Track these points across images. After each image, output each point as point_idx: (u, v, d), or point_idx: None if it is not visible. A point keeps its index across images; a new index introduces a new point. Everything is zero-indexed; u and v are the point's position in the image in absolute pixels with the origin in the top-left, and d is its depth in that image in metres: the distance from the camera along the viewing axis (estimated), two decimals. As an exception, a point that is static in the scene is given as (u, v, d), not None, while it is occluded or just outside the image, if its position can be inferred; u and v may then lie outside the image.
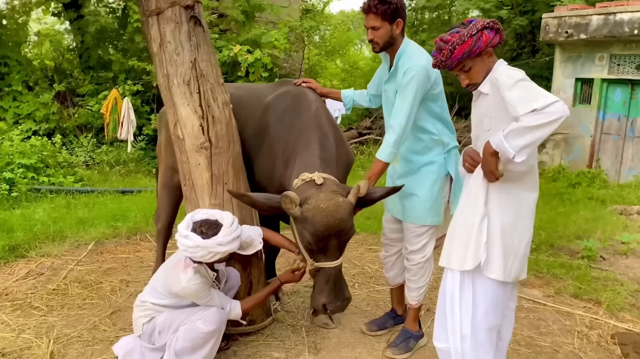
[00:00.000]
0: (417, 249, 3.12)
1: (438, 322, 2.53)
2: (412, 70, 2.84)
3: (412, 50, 2.96)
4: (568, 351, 3.37)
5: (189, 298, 2.87)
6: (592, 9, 9.32)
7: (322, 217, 2.71)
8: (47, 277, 4.51)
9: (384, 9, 2.85)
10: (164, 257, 4.25)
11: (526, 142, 2.09)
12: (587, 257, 5.02)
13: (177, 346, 2.80)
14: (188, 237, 2.68)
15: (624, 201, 7.70)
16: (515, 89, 2.15)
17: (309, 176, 2.90)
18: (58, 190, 7.13)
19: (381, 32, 2.92)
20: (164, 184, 4.10)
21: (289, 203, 2.74)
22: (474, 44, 2.29)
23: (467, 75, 2.40)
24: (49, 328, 3.60)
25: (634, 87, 9.19)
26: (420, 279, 3.18)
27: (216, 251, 2.68)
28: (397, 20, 2.91)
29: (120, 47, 10.14)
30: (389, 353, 3.22)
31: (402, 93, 2.90)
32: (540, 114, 2.03)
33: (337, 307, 2.91)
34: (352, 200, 2.80)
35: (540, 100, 2.05)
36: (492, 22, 2.32)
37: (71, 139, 9.43)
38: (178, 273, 2.79)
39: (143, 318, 2.95)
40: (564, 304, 4.03)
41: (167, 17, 3.11)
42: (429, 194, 3.04)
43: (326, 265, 2.85)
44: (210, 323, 2.80)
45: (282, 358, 3.19)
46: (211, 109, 3.18)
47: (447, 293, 2.44)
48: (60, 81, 10.14)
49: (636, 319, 3.80)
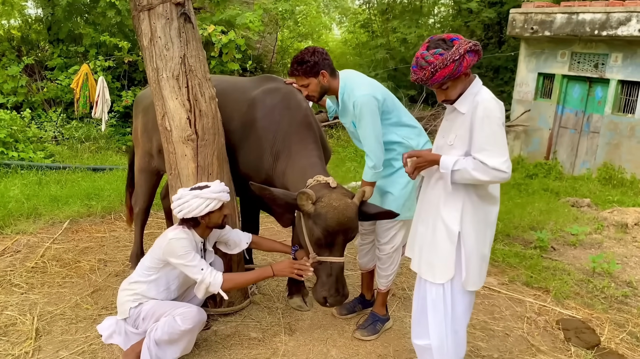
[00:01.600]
0: (387, 240, 3.41)
1: (416, 322, 2.80)
2: (359, 102, 3.10)
3: (350, 84, 3.21)
4: (518, 335, 3.72)
5: (172, 255, 2.95)
6: (557, 7, 9.67)
7: (334, 214, 2.95)
8: (24, 254, 4.60)
9: (304, 68, 3.14)
10: (142, 239, 4.41)
11: (463, 181, 2.48)
12: (539, 248, 5.42)
13: (156, 336, 2.96)
14: (182, 196, 2.96)
15: (577, 193, 8.19)
16: (485, 132, 2.39)
17: (324, 179, 3.13)
18: (28, 166, 7.10)
19: (311, 87, 3.21)
20: (142, 169, 4.23)
21: (305, 199, 2.97)
22: (455, 68, 2.38)
23: (444, 93, 2.53)
24: (31, 305, 3.73)
25: (591, 84, 9.66)
26: (389, 267, 3.48)
27: (211, 198, 2.94)
28: (321, 72, 3.17)
29: (91, 20, 9.95)
30: (358, 335, 3.51)
31: (360, 124, 3.16)
32: (486, 173, 2.37)
33: (337, 301, 3.13)
34: (357, 202, 3.06)
35: (496, 159, 2.36)
36: (474, 45, 2.40)
37: (40, 113, 9.28)
38: (166, 233, 3.04)
39: (131, 302, 3.10)
40: (516, 292, 4.40)
41: (158, 13, 3.23)
42: (402, 192, 3.31)
43: (330, 259, 3.07)
44: (188, 321, 2.94)
45: (260, 338, 3.44)
46: (198, 103, 3.33)
47: (427, 298, 2.70)
48: (27, 52, 9.93)
49: (579, 306, 4.19)
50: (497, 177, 2.38)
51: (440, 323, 2.68)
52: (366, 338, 3.50)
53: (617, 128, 9.20)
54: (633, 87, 9.02)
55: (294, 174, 3.31)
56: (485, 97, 2.45)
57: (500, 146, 2.38)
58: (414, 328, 2.84)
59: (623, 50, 8.99)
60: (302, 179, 3.22)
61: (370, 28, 15.70)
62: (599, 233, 6.11)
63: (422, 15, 14.34)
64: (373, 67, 13.96)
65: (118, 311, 3.21)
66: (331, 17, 19.25)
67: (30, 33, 10.08)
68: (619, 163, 9.11)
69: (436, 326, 2.69)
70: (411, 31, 13.23)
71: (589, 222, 6.46)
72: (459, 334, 2.72)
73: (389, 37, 14.40)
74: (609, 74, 9.21)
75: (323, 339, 3.48)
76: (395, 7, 15.09)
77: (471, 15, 13.13)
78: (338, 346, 3.41)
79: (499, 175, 2.37)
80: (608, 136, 9.33)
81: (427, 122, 11.52)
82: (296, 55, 3.18)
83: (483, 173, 2.38)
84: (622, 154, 9.12)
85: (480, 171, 2.38)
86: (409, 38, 13.35)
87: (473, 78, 2.54)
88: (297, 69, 3.15)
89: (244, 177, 3.59)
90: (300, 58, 3.14)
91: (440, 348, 2.71)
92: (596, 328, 3.84)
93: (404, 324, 3.73)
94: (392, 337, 3.57)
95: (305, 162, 3.31)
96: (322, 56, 3.15)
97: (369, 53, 14.79)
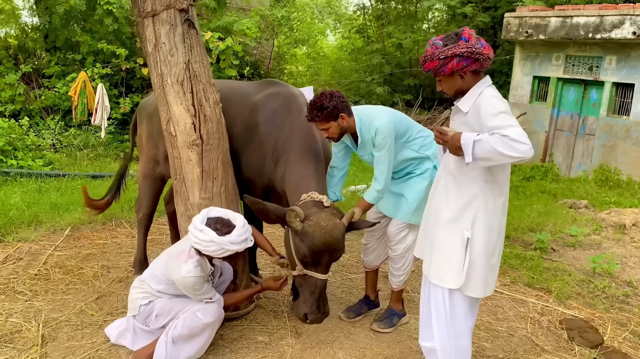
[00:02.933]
0: (400, 239, 3.49)
1: (423, 324, 2.82)
2: (381, 129, 3.19)
3: (366, 117, 3.28)
4: (522, 335, 3.75)
5: (183, 289, 3.04)
6: (551, 11, 9.77)
7: (320, 234, 2.99)
8: (27, 262, 4.59)
9: (325, 114, 3.18)
10: (145, 245, 4.42)
11: (486, 159, 2.32)
12: (540, 249, 5.46)
13: (175, 333, 2.99)
14: (203, 231, 2.88)
15: (574, 195, 8.25)
16: (496, 119, 2.33)
17: (319, 197, 3.17)
18: (28, 174, 7.09)
19: (332, 129, 3.25)
20: (146, 175, 4.24)
21: (294, 217, 3.02)
22: (439, 66, 2.46)
23: (439, 84, 2.61)
24: (36, 312, 3.72)
25: (586, 87, 9.74)
26: (402, 267, 3.56)
27: (227, 249, 2.89)
28: (340, 116, 3.21)
29: (88, 28, 9.97)
30: (375, 327, 3.64)
31: (378, 149, 3.25)
32: (511, 146, 2.22)
33: (317, 318, 3.18)
34: (345, 223, 3.11)
35: (514, 130, 2.24)
36: (468, 51, 2.40)
37: (37, 121, 9.29)
38: (180, 263, 2.98)
39: (141, 299, 3.13)
40: (519, 293, 4.43)
41: (162, 19, 3.26)
42: (416, 197, 3.39)
43: (315, 275, 3.11)
44: (209, 315, 3.01)
45: (266, 341, 3.45)
46: (203, 108, 3.35)
47: (431, 302, 2.73)
48: (24, 60, 9.94)
49: (581, 306, 4.22)
50: (519, 151, 2.22)
51: (443, 327, 2.70)
52: (383, 330, 3.63)
53: (613, 130, 9.28)
54: (627, 89, 9.11)
55: (291, 184, 3.36)
56: (486, 95, 2.46)
57: (515, 123, 2.30)
58: (421, 329, 2.86)
59: (617, 53, 9.08)
60: (297, 191, 3.27)
61: (366, 33, 15.80)
62: (598, 234, 6.16)
63: (416, 20, 14.43)
64: (369, 72, 14.05)
65: (128, 307, 3.25)
66: (326, 24, 19.35)
67: (27, 41, 10.10)
68: (615, 165, 9.18)
69: (439, 329, 2.71)
70: (406, 36, 13.32)
71: (587, 224, 6.51)
72: (462, 339, 2.72)
73: (385, 42, 14.49)
74: (603, 76, 9.30)
75: (329, 341, 3.49)
76: (390, 12, 15.20)
77: (465, 20, 13.23)
78: (345, 348, 3.43)
79: (520, 148, 2.21)
80: (603, 138, 9.40)
81: (423, 125, 11.57)
82: (314, 100, 3.21)
83: (504, 146, 2.23)
84: (617, 156, 9.20)
85: (502, 144, 2.23)
86: (404, 43, 13.44)
87: (480, 78, 2.54)
88: (317, 114, 3.18)
89: (246, 181, 3.61)
90: (320, 104, 3.17)
91: (443, 351, 2.73)
92: (599, 327, 3.87)
93: (410, 326, 3.75)
94: (398, 339, 3.59)
95: (301, 173, 3.35)
96: (340, 99, 3.22)
97: (364, 58, 14.87)
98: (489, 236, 2.57)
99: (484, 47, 2.45)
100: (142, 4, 3.27)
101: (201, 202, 3.39)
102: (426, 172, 3.40)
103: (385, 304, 3.91)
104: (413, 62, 14.38)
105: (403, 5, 14.74)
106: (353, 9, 17.57)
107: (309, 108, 3.21)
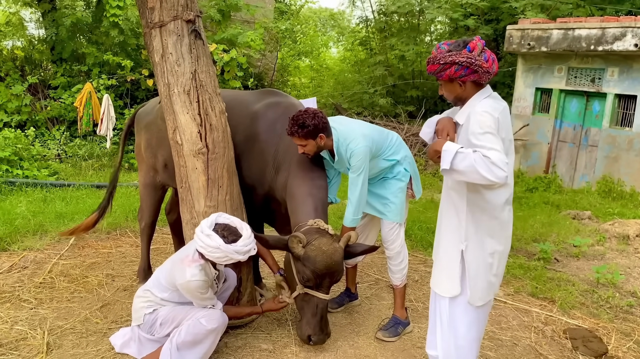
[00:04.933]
0: (394, 238, 3.67)
1: (430, 332, 2.86)
2: (356, 153, 3.34)
3: (343, 138, 3.42)
4: (526, 344, 3.75)
5: (187, 293, 3.06)
6: (553, 24, 9.84)
7: (323, 258, 3.16)
8: (32, 270, 4.62)
9: (304, 132, 3.30)
10: (148, 254, 4.44)
11: (460, 173, 2.33)
12: (543, 259, 5.46)
13: (179, 340, 3.00)
14: (210, 237, 2.91)
15: (577, 206, 8.25)
16: (482, 138, 2.35)
17: (324, 226, 3.29)
18: (33, 183, 7.15)
19: (308, 147, 3.39)
20: (146, 184, 4.28)
21: (296, 243, 3.16)
22: (438, 70, 2.51)
23: (440, 88, 2.66)
24: (41, 320, 3.74)
25: (589, 98, 9.78)
26: (401, 262, 3.72)
27: (232, 257, 2.93)
28: (319, 136, 3.34)
29: (94, 40, 10.09)
30: (380, 335, 3.67)
31: (353, 171, 3.40)
32: (489, 169, 2.22)
33: (320, 340, 3.33)
34: (343, 246, 3.28)
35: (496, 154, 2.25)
36: (468, 62, 2.43)
37: (43, 131, 9.36)
38: (184, 267, 3.01)
39: (146, 308, 3.14)
40: (522, 302, 4.43)
41: (170, 30, 3.31)
42: (400, 196, 3.63)
43: (316, 295, 3.25)
44: (213, 321, 3.03)
45: (270, 349, 3.45)
46: (209, 117, 3.40)
47: (436, 311, 2.77)
48: (31, 71, 10.04)
49: (585, 316, 4.22)
50: (495, 175, 2.23)
51: (445, 336, 2.72)
52: (387, 339, 3.67)
53: (615, 141, 9.30)
54: (630, 100, 9.15)
55: (293, 200, 3.45)
56: (478, 110, 2.44)
57: (498, 148, 2.30)
58: (428, 337, 2.89)
59: (619, 65, 9.13)
60: (302, 213, 3.37)
61: (369, 46, 15.90)
62: (601, 245, 6.16)
63: (419, 32, 14.54)
64: (372, 84, 14.12)
65: (133, 317, 3.26)
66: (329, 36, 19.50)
67: (34, 53, 10.22)
68: (618, 176, 9.19)
69: (442, 339, 2.74)
70: (409, 48, 13.41)
71: (591, 234, 6.50)
72: (464, 351, 2.70)
73: (387, 54, 14.58)
74: (605, 88, 9.34)
75: (333, 350, 3.49)
76: (393, 25, 15.32)
77: (468, 32, 13.32)
78: (348, 356, 3.43)
79: (498, 173, 2.22)
80: (606, 149, 9.42)
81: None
82: (297, 116, 3.31)
83: (484, 167, 2.23)
84: (620, 167, 9.21)
85: (482, 164, 2.23)
86: (406, 55, 13.53)
87: (480, 89, 2.55)
88: (297, 131, 3.30)
89: (247, 189, 3.69)
90: (302, 122, 3.28)
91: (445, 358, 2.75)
92: (603, 337, 3.87)
93: (414, 335, 3.76)
94: (402, 347, 3.59)
95: (304, 190, 3.44)
96: (322, 120, 3.34)
97: (367, 70, 14.97)
98: (482, 252, 2.58)
99: (487, 61, 2.46)
100: (150, 15, 3.33)
101: (206, 211, 3.42)
102: (399, 175, 3.61)
103: (390, 313, 3.92)
104: (416, 74, 14.47)
105: (406, 17, 14.86)
106: (356, 21, 17.73)
107: (291, 122, 3.32)
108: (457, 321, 2.68)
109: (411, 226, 6.24)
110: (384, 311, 4.10)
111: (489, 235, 2.58)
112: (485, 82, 2.54)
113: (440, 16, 13.23)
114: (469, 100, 2.56)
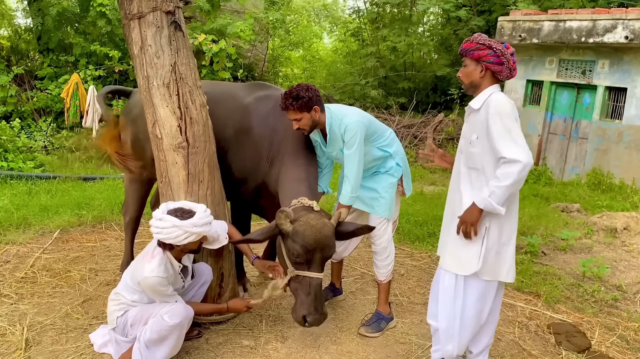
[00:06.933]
0: (381, 233, 3.62)
1: (432, 303, 3.06)
2: (351, 127, 3.30)
3: (337, 114, 3.40)
4: (509, 339, 3.74)
5: (147, 290, 3.01)
6: (545, 15, 9.80)
7: (311, 232, 3.07)
8: (14, 265, 4.56)
9: (299, 104, 3.26)
10: (132, 248, 4.40)
11: (506, 197, 2.65)
12: (530, 253, 5.45)
13: (145, 338, 2.96)
14: (163, 219, 2.87)
15: (566, 199, 8.25)
16: (498, 126, 2.63)
17: (308, 202, 3.23)
18: (18, 176, 7.06)
19: (304, 121, 3.34)
20: (132, 179, 4.23)
21: (284, 218, 3.08)
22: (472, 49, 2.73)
23: (461, 70, 2.85)
24: (21, 315, 3.69)
25: (579, 91, 9.77)
26: (387, 258, 3.68)
27: (191, 231, 2.87)
28: (313, 108, 3.31)
29: (81, 30, 9.95)
30: (362, 331, 3.64)
31: (348, 147, 3.33)
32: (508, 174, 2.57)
33: (316, 320, 3.19)
34: (334, 222, 3.20)
35: (511, 148, 2.58)
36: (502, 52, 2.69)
37: (29, 122, 9.25)
38: (144, 263, 2.97)
39: (117, 311, 3.10)
40: (507, 297, 4.41)
41: (149, 22, 3.25)
42: (391, 191, 3.59)
43: (309, 274, 3.16)
44: (175, 317, 2.95)
45: (252, 346, 3.42)
46: (189, 110, 3.34)
47: (440, 284, 2.95)
48: (17, 62, 9.91)
49: (570, 310, 4.21)
50: (518, 170, 2.56)
51: (448, 308, 2.90)
52: (370, 334, 3.63)
53: (605, 134, 9.30)
54: (620, 93, 9.14)
55: (283, 187, 3.41)
56: (497, 97, 2.70)
57: (514, 137, 2.61)
58: (429, 308, 3.09)
59: (610, 57, 9.11)
60: (289, 196, 3.33)
61: (361, 37, 15.81)
62: (589, 238, 6.16)
63: (411, 24, 14.46)
64: (364, 75, 14.05)
65: (108, 320, 3.21)
66: (322, 27, 19.37)
67: (20, 43, 10.08)
68: (608, 168, 9.20)
69: (444, 311, 2.93)
70: (401, 39, 13.34)
71: (579, 227, 6.50)
72: (467, 322, 2.90)
73: (379, 45, 14.50)
74: (596, 80, 9.32)
75: (315, 346, 3.47)
76: (385, 16, 15.23)
77: (460, 23, 13.26)
78: (330, 352, 3.41)
79: (517, 167, 2.56)
80: (596, 141, 9.42)
81: (417, 129, 11.58)
82: (290, 90, 3.29)
83: (506, 179, 2.58)
84: (610, 160, 9.22)
85: (503, 179, 2.58)
86: (398, 46, 13.46)
87: (495, 83, 2.79)
88: (292, 103, 3.26)
89: (236, 182, 3.63)
90: (296, 94, 3.25)
91: (446, 330, 2.94)
92: (587, 331, 3.86)
93: (397, 330, 3.74)
94: (385, 343, 3.57)
95: (294, 176, 3.41)
96: (315, 93, 3.32)
97: (359, 61, 14.89)
98: (504, 226, 2.81)
99: (514, 62, 2.75)
100: (129, 5, 3.26)
101: (187, 205, 3.36)
102: (391, 170, 3.59)
103: (374, 308, 3.89)
104: (407, 66, 14.40)
105: (398, 8, 14.77)
106: (349, 12, 17.61)
107: (284, 97, 3.27)
108: (467, 295, 2.87)
109: (399, 219, 6.19)
110: (368, 306, 4.07)
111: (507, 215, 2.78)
112: (501, 79, 2.79)
113: (432, 7, 13.15)
114: (483, 89, 2.78)
